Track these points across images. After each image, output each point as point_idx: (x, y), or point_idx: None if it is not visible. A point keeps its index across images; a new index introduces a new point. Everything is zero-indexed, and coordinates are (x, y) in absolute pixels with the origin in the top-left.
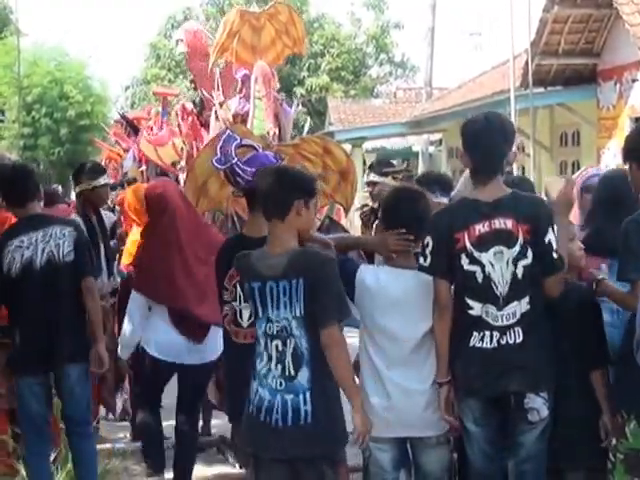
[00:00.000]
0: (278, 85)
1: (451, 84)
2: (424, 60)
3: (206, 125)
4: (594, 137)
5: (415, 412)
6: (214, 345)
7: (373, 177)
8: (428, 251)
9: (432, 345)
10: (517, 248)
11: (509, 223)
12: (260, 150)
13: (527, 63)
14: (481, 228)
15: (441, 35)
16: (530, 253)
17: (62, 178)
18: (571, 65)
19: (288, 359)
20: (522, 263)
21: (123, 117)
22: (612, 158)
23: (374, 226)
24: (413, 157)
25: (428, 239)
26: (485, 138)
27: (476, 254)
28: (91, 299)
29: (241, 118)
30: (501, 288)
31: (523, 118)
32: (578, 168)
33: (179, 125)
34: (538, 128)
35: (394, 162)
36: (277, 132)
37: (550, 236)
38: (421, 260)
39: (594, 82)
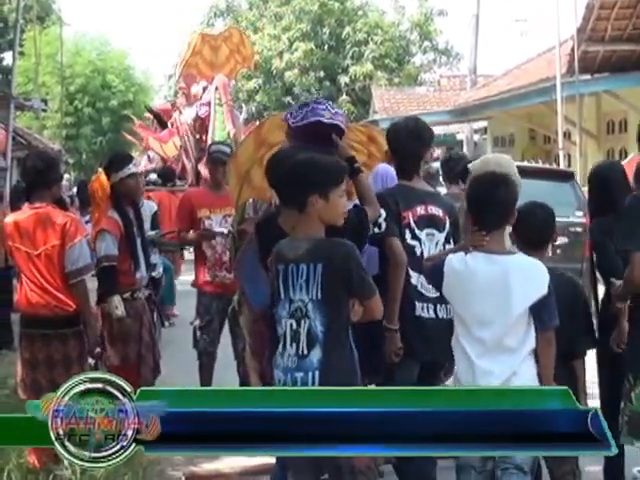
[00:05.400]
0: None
1: (496, 71)
2: (468, 47)
3: None
4: None
5: None
6: None
7: None
8: (382, 219)
9: (524, 332)
10: (444, 234)
11: (440, 211)
12: None
13: (573, 50)
14: (420, 210)
15: (486, 22)
16: (452, 240)
17: None
18: (618, 51)
19: (302, 338)
20: (448, 247)
21: (150, 111)
22: None
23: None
24: (457, 145)
25: (382, 212)
26: (411, 143)
27: (417, 231)
28: None
29: (201, 121)
30: None
31: (569, 105)
32: (625, 156)
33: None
34: (584, 116)
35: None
36: (234, 132)
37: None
38: (375, 230)
39: None
